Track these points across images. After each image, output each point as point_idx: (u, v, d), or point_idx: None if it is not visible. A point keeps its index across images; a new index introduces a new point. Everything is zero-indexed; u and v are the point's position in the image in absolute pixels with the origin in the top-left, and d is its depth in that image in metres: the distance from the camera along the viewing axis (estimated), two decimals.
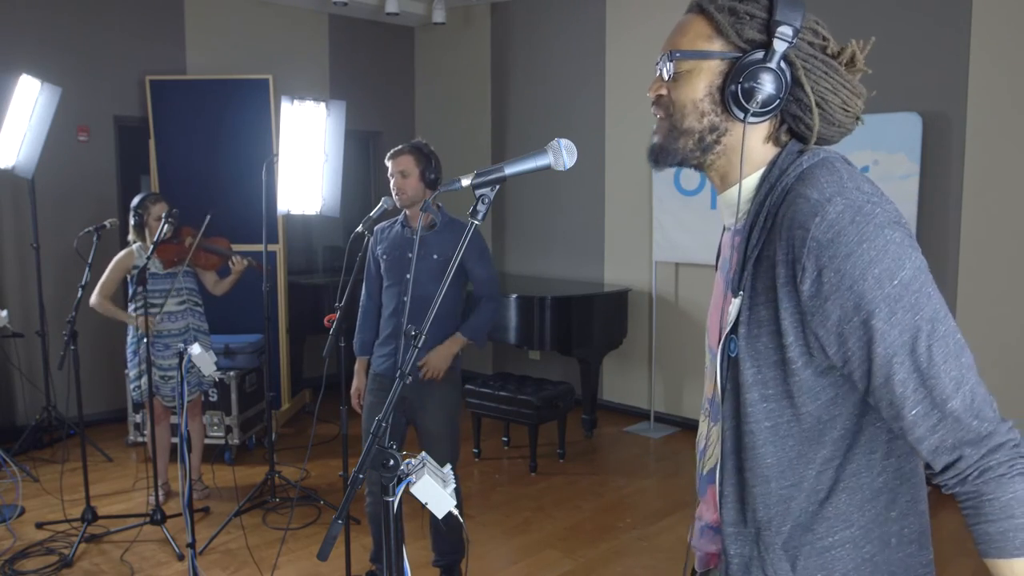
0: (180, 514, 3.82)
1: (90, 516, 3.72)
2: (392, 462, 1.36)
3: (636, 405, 5.94)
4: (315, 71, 6.67)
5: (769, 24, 1.10)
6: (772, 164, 1.15)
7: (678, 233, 5.41)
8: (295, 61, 6.47)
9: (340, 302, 2.99)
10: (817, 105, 1.11)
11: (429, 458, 1.43)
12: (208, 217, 3.93)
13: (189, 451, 2.99)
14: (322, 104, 4.48)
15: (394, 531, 1.39)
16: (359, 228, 3.13)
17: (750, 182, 1.17)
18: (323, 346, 3.09)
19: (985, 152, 4.19)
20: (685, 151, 1.18)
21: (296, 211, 4.50)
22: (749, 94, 1.10)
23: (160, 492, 4.10)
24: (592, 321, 5.37)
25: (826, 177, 1.07)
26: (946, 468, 1.02)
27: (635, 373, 5.92)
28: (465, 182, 1.37)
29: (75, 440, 5.01)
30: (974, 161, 4.23)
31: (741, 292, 1.12)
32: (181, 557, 3.57)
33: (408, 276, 3.11)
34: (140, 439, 5.00)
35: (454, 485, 1.42)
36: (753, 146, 1.16)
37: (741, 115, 1.12)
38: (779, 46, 1.09)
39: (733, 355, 1.13)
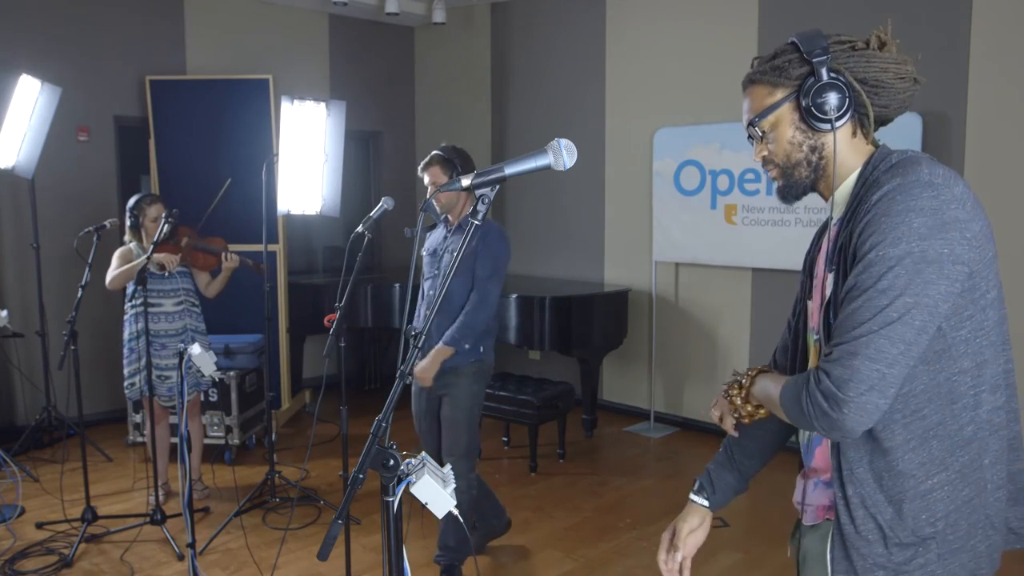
0: (180, 514, 3.83)
1: (90, 516, 3.72)
2: (392, 462, 1.36)
3: (636, 405, 5.93)
4: (315, 71, 6.68)
5: (804, 56, 1.34)
6: (867, 163, 1.37)
7: (678, 233, 5.41)
8: (295, 61, 6.47)
9: (340, 302, 3.00)
10: (877, 84, 1.34)
11: (429, 458, 1.44)
12: (201, 222, 3.96)
13: (189, 451, 2.98)
14: (322, 104, 4.48)
15: (394, 531, 1.39)
16: (359, 228, 3.13)
17: (851, 180, 1.38)
18: (323, 346, 3.10)
19: (985, 152, 4.19)
20: (805, 180, 1.42)
21: (296, 211, 4.50)
22: (822, 108, 1.33)
23: (160, 492, 4.10)
24: (592, 321, 5.37)
25: (905, 168, 1.28)
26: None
27: (635, 373, 5.92)
28: (465, 182, 1.39)
29: (75, 440, 5.01)
30: (974, 161, 4.23)
31: (833, 268, 1.33)
32: (181, 557, 3.57)
33: (434, 272, 3.27)
34: (140, 439, 4.99)
35: (454, 485, 1.42)
36: (844, 147, 1.38)
37: (827, 126, 1.35)
38: (819, 64, 1.33)
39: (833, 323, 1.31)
